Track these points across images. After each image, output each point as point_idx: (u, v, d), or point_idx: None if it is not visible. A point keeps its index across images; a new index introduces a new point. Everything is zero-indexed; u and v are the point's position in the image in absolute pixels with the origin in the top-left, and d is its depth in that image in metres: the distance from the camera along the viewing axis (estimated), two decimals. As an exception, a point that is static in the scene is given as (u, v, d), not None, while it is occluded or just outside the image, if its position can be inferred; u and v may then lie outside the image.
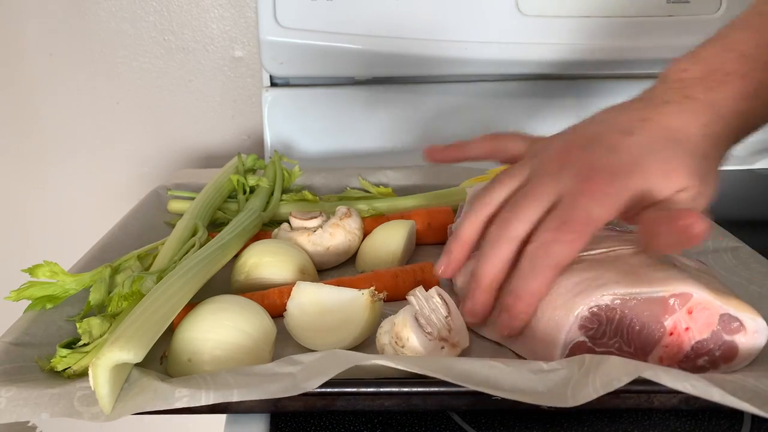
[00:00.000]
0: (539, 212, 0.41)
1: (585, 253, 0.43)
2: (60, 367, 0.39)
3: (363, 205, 0.66)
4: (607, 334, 0.39)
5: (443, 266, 0.47)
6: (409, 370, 0.35)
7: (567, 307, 0.39)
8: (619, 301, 0.39)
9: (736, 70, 0.42)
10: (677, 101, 0.43)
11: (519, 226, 0.41)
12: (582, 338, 0.39)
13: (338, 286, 0.46)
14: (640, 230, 0.41)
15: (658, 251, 0.41)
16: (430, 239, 0.62)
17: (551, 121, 0.88)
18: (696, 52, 0.45)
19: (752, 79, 0.42)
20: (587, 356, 0.37)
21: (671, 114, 0.42)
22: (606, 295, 0.39)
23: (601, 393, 0.34)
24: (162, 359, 0.42)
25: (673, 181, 0.40)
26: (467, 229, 0.45)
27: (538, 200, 0.41)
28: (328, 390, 0.37)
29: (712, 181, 0.42)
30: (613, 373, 0.34)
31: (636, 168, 0.40)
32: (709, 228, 0.37)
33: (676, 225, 0.37)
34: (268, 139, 0.88)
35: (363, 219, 0.62)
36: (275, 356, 0.43)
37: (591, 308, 0.39)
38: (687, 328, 0.40)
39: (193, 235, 0.55)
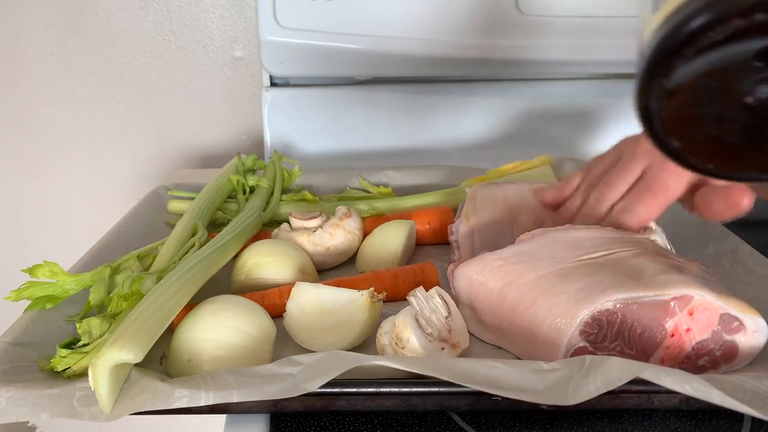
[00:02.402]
0: (628, 185, 0.50)
1: (586, 257, 0.43)
2: (60, 368, 0.39)
3: (363, 205, 0.66)
4: (608, 338, 0.39)
5: (555, 192, 0.56)
6: (409, 370, 0.35)
7: (569, 314, 0.39)
8: (620, 306, 0.39)
9: None
10: None
11: (611, 195, 0.51)
12: (583, 343, 0.39)
13: (338, 286, 0.46)
14: (696, 201, 0.49)
15: (710, 218, 0.48)
16: (430, 239, 0.62)
17: (550, 121, 0.88)
18: None
19: None
20: (588, 357, 0.37)
21: None
22: (608, 301, 0.39)
23: (602, 391, 0.34)
24: (162, 359, 0.42)
25: None
26: (569, 208, 0.55)
27: (627, 177, 0.50)
28: (328, 390, 0.37)
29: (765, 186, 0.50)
30: (613, 373, 0.34)
31: None
32: (752, 203, 0.45)
33: (728, 196, 0.46)
34: (268, 139, 0.88)
35: (363, 219, 0.62)
36: (275, 356, 0.43)
37: (592, 313, 0.39)
38: (688, 329, 0.40)
39: (193, 235, 0.55)
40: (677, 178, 0.48)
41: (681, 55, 0.24)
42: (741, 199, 0.46)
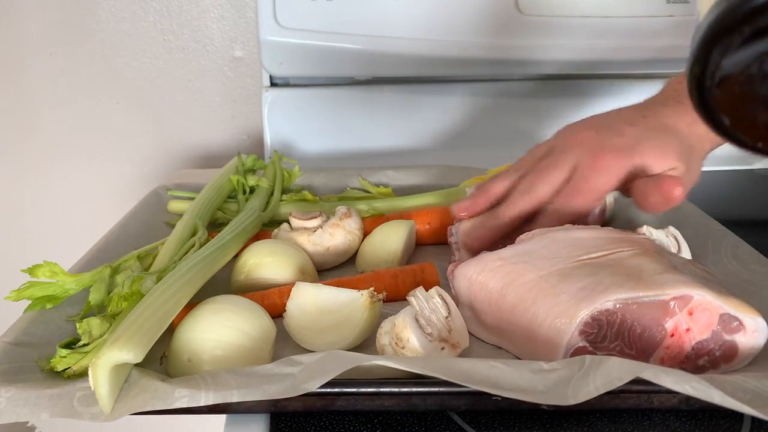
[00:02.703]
0: (560, 179, 0.51)
1: (586, 257, 0.43)
2: (60, 368, 0.39)
3: (363, 205, 0.66)
4: (608, 338, 0.39)
5: (464, 208, 0.55)
6: (409, 370, 0.35)
7: (569, 314, 0.39)
8: (620, 306, 0.39)
9: None
10: (671, 105, 0.53)
11: (542, 188, 0.51)
12: (583, 343, 0.39)
13: (338, 286, 0.46)
14: (633, 193, 0.50)
15: (647, 209, 0.49)
16: (430, 239, 0.62)
17: (551, 121, 0.88)
18: None
19: None
20: (588, 357, 0.37)
21: (665, 114, 0.52)
22: (608, 301, 0.39)
23: (602, 391, 0.34)
24: (162, 359, 0.42)
25: (665, 161, 0.50)
26: (496, 186, 0.54)
27: (559, 169, 0.51)
28: (328, 390, 0.37)
29: (694, 169, 0.52)
30: (613, 373, 0.34)
31: (636, 149, 0.50)
32: (684, 194, 0.47)
33: (662, 187, 0.47)
34: (268, 139, 0.88)
35: (363, 219, 0.62)
36: (275, 356, 0.43)
37: (592, 313, 0.39)
38: (688, 329, 0.40)
39: (193, 235, 0.55)
40: (606, 177, 0.49)
41: (738, 32, 0.24)
42: (672, 190, 0.47)
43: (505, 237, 0.52)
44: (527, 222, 0.52)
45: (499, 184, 0.54)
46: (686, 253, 0.50)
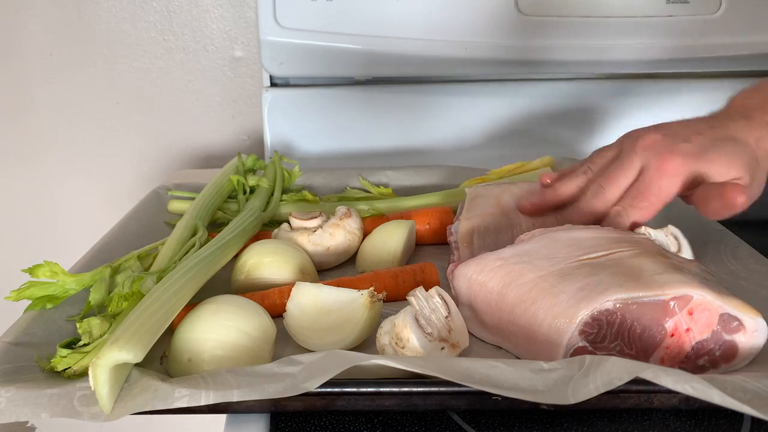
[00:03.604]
0: (628, 181, 0.51)
1: (586, 257, 0.43)
2: (60, 367, 0.39)
3: (363, 206, 0.66)
4: (608, 338, 0.39)
5: (533, 204, 0.56)
6: (409, 369, 0.35)
7: (569, 314, 0.39)
8: (620, 306, 0.39)
9: None
10: (738, 120, 0.53)
11: (613, 191, 0.52)
12: (583, 343, 0.39)
13: (338, 286, 0.46)
14: (695, 197, 0.50)
15: (708, 215, 0.49)
16: (430, 239, 0.62)
17: (550, 121, 0.88)
18: (758, 85, 0.56)
19: None
20: (588, 356, 0.37)
21: (733, 127, 0.52)
22: (608, 301, 0.39)
23: (602, 391, 0.34)
24: (162, 359, 0.42)
25: (732, 170, 0.49)
26: (565, 187, 0.55)
27: (627, 172, 0.51)
28: (328, 390, 0.37)
29: (758, 182, 0.51)
30: (613, 373, 0.34)
31: (704, 155, 0.50)
32: (747, 203, 0.47)
33: (725, 194, 0.47)
34: (268, 139, 0.88)
35: (363, 219, 0.62)
36: (275, 356, 0.43)
37: (592, 313, 0.39)
38: (688, 329, 0.40)
39: (193, 235, 0.55)
40: (671, 180, 0.50)
41: None
42: (736, 197, 0.47)
43: None
44: (595, 224, 0.52)
45: (569, 185, 0.55)
46: (687, 252, 0.50)
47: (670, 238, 0.50)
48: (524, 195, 0.57)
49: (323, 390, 0.36)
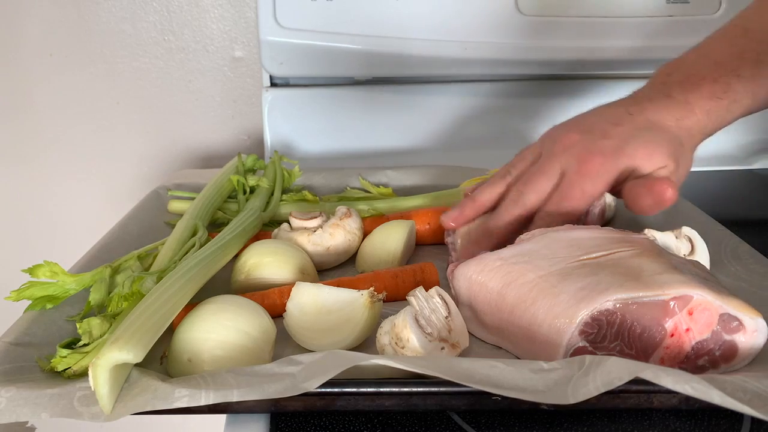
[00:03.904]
0: (548, 186, 0.50)
1: (586, 257, 0.43)
2: (60, 367, 0.39)
3: (363, 206, 0.66)
4: (608, 338, 0.39)
5: (453, 218, 0.54)
6: (409, 369, 0.35)
7: (569, 314, 0.39)
8: (620, 306, 0.39)
9: (708, 75, 0.52)
10: (658, 99, 0.52)
11: (531, 197, 0.51)
12: (583, 343, 0.39)
13: (338, 286, 0.46)
14: (624, 195, 0.49)
15: (639, 212, 0.49)
16: (430, 239, 0.62)
17: (550, 121, 0.87)
18: (680, 59, 0.55)
19: (721, 83, 0.51)
20: (588, 356, 0.37)
21: (652, 109, 0.52)
22: (608, 301, 0.39)
23: (602, 390, 0.34)
24: (162, 359, 0.42)
25: (655, 160, 0.49)
26: (486, 194, 0.54)
27: (547, 176, 0.50)
28: (328, 390, 0.37)
29: (684, 164, 0.51)
30: (613, 372, 0.34)
31: (623, 150, 0.49)
32: (677, 194, 0.47)
33: (653, 190, 0.47)
34: (268, 139, 0.88)
35: (363, 219, 0.62)
36: (275, 356, 0.43)
37: (592, 313, 0.39)
38: (688, 329, 0.40)
39: (193, 235, 0.55)
40: (593, 181, 0.49)
41: None
42: (664, 192, 0.46)
43: (497, 245, 0.51)
44: (519, 229, 0.51)
45: (487, 193, 0.54)
46: (702, 253, 0.49)
47: (682, 240, 0.49)
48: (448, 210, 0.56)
49: (323, 390, 0.36)
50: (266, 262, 0.52)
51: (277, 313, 0.47)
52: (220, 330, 0.41)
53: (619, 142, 0.49)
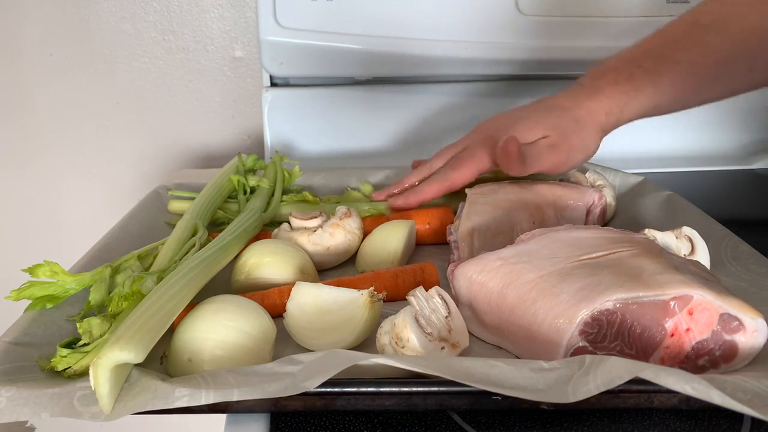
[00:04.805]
0: (453, 154, 0.63)
1: (586, 257, 0.43)
2: (60, 367, 0.39)
3: (363, 206, 0.66)
4: (608, 338, 0.39)
5: (395, 192, 0.66)
6: (409, 369, 0.35)
7: (569, 314, 0.39)
8: (620, 305, 0.39)
9: (616, 66, 0.59)
10: (572, 88, 0.61)
11: (435, 161, 0.65)
12: (583, 343, 0.39)
13: (338, 286, 0.46)
14: (498, 161, 0.57)
15: (508, 171, 0.56)
16: (430, 239, 0.63)
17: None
18: (609, 57, 0.62)
19: (624, 71, 0.58)
20: (588, 356, 0.37)
21: (561, 95, 0.60)
22: (608, 301, 0.39)
23: (602, 389, 0.34)
24: (162, 359, 0.42)
25: (534, 132, 0.57)
26: (420, 173, 0.65)
27: (454, 148, 0.64)
28: (328, 390, 0.37)
29: (581, 138, 0.57)
30: (613, 372, 0.34)
31: (513, 126, 0.58)
32: (520, 149, 0.54)
33: (503, 147, 0.55)
34: (268, 139, 0.88)
35: (363, 219, 0.62)
36: (275, 356, 0.43)
37: (592, 313, 0.39)
38: (688, 329, 0.40)
39: (194, 235, 0.55)
40: (482, 150, 0.59)
41: None
42: (508, 146, 0.54)
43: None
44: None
45: (421, 173, 0.65)
46: (703, 253, 0.49)
47: (682, 240, 0.50)
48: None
49: (323, 390, 0.36)
50: (266, 262, 0.52)
51: (277, 313, 0.47)
52: (221, 330, 0.41)
53: (508, 122, 0.59)
